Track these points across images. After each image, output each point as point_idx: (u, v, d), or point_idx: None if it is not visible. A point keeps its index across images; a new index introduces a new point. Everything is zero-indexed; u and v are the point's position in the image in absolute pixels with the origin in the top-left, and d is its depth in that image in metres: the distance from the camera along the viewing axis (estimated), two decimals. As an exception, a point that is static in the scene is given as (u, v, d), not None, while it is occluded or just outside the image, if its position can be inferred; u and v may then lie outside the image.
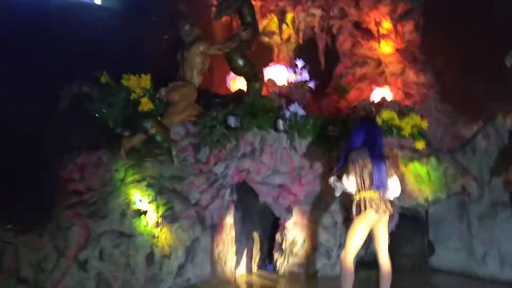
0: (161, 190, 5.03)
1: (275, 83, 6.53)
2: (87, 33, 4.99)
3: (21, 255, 4.11)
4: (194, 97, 5.26)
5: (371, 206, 4.02)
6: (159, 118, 4.95)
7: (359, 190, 4.10)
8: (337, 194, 4.42)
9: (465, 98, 6.49)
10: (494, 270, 5.51)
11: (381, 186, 4.07)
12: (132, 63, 5.15)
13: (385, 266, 4.15)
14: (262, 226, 6.42)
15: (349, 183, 4.11)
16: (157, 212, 4.93)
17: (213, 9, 5.95)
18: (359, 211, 4.06)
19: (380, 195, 4.07)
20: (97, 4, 5.46)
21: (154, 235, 4.86)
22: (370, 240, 6.02)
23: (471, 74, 6.32)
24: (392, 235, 5.89)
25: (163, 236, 4.92)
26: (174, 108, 5.07)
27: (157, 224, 4.89)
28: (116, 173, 4.85)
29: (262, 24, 6.98)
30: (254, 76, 5.67)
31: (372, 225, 4.10)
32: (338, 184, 4.21)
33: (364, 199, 4.05)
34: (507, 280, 5.34)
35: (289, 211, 5.78)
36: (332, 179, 4.31)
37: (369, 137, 4.19)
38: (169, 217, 4.98)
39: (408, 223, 6.08)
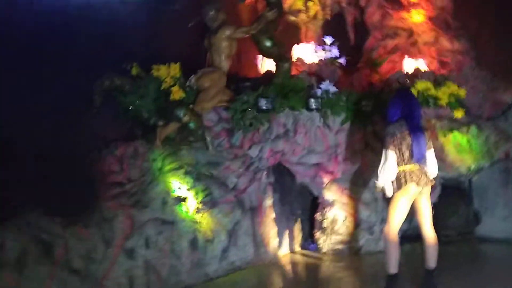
0: (198, 177, 5.10)
1: (304, 62, 6.45)
2: (113, 28, 5.05)
3: (71, 247, 4.25)
4: (224, 82, 5.28)
5: (412, 179, 3.94)
6: (191, 106, 4.99)
7: (398, 164, 4.02)
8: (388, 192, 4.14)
9: (502, 62, 6.25)
10: (545, 237, 5.32)
11: (421, 159, 3.98)
12: (161, 53, 5.19)
13: (430, 238, 4.08)
14: (302, 206, 6.42)
15: (389, 156, 4.02)
16: (197, 199, 5.01)
17: (238, -9, 5.93)
18: (400, 185, 3.99)
19: (420, 167, 3.98)
20: (119, -2, 5.52)
21: (195, 221, 4.95)
22: (413, 213, 5.95)
23: (506, 37, 6.06)
24: (436, 207, 5.77)
25: (205, 221, 5.01)
26: (205, 94, 5.10)
27: (198, 210, 4.97)
28: (153, 162, 4.94)
29: (287, 2, 6.88)
30: (282, 56, 5.62)
31: (414, 198, 4.02)
32: (381, 180, 4.07)
33: (404, 172, 3.97)
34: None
35: (327, 189, 5.76)
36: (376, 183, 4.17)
37: (406, 108, 4.09)
38: (209, 203, 5.06)
39: (451, 193, 5.95)
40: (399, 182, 3.99)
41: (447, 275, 4.13)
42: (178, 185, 4.95)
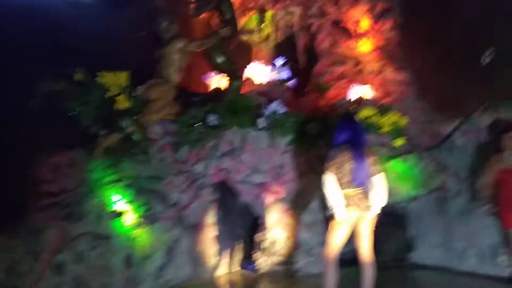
0: (139, 191, 4.94)
1: (254, 81, 6.48)
2: (60, 29, 4.83)
3: (-7, 258, 3.96)
4: (172, 95, 5.18)
5: (352, 204, 3.98)
6: (136, 117, 4.84)
7: (341, 187, 4.05)
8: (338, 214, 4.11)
9: (442, 96, 6.55)
10: (473, 265, 5.57)
11: (361, 184, 4.02)
12: (108, 60, 5.02)
13: (368, 264, 4.13)
14: (243, 225, 6.35)
15: (326, 180, 4.06)
16: (135, 213, 4.83)
17: (192, 5, 5.87)
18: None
19: (362, 192, 4.03)
20: (71, -1, 5.31)
21: (132, 237, 4.76)
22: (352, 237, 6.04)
23: (448, 72, 6.38)
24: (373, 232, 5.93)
25: (142, 237, 4.83)
26: (152, 106, 4.97)
27: (136, 226, 4.79)
28: (91, 173, 4.73)
29: (241, 22, 6.92)
30: (233, 74, 5.62)
31: (354, 223, 4.06)
32: (330, 204, 4.07)
33: (349, 196, 4.01)
34: (485, 274, 5.40)
35: (270, 210, 5.74)
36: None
37: (351, 134, 4.15)
38: (148, 218, 4.89)
39: (388, 219, 6.09)
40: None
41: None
42: (117, 199, 4.75)
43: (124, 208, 4.77)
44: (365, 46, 7.54)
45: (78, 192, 4.61)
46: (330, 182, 4.04)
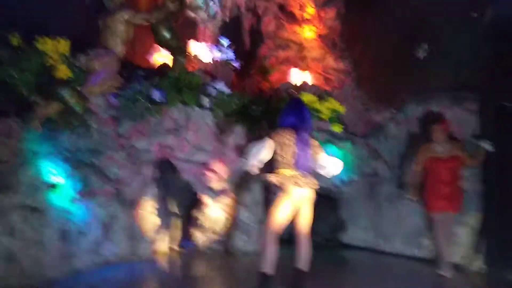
0: (77, 164, 4.77)
1: (200, 59, 6.42)
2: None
3: None
4: (116, 68, 5.01)
5: (294, 183, 4.10)
6: (78, 88, 4.64)
7: (283, 167, 4.16)
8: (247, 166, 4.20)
9: (379, 86, 6.89)
10: (399, 247, 5.98)
11: (302, 168, 4.13)
12: (49, 26, 4.73)
13: (304, 242, 4.28)
14: (183, 203, 6.36)
15: (266, 143, 4.11)
16: (73, 187, 4.68)
17: (140, -24, 5.69)
18: (283, 188, 4.12)
19: (302, 174, 4.13)
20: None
21: (68, 211, 4.61)
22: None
23: (385, 63, 6.71)
24: (308, 214, 6.17)
25: (79, 212, 4.70)
26: (95, 77, 4.79)
27: (73, 200, 4.64)
28: (28, 143, 4.49)
29: (188, -2, 6.80)
30: (180, 50, 5.52)
31: (297, 201, 4.18)
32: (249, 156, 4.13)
33: (287, 176, 4.11)
34: (410, 255, 5.83)
35: (210, 189, 5.79)
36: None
37: (298, 118, 4.24)
38: (86, 193, 4.76)
39: (322, 201, 6.36)
40: (283, 186, 4.13)
41: (313, 277, 4.40)
42: (53, 171, 4.56)
43: (60, 181, 4.59)
44: (309, 33, 7.71)
45: (13, 163, 4.36)
46: (266, 146, 4.10)
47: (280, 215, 4.15)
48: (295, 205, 4.17)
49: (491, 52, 5.22)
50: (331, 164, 4.36)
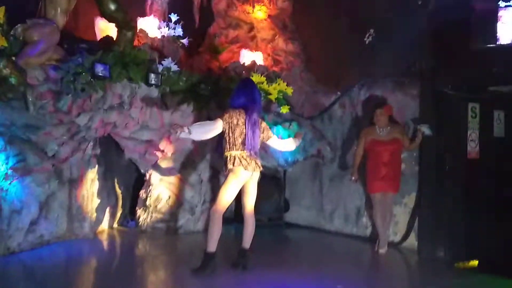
0: (12, 139, 4.54)
1: (147, 34, 6.22)
2: None
3: None
4: (56, 39, 4.76)
5: (241, 164, 4.13)
6: (13, 58, 4.38)
7: (230, 148, 4.17)
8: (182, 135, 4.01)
9: (326, 69, 7.00)
10: (339, 225, 6.20)
11: (251, 150, 4.16)
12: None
13: (250, 221, 4.35)
14: (125, 182, 6.25)
15: (216, 124, 4.10)
16: (7, 164, 4.45)
17: None
18: (230, 168, 4.15)
19: (250, 155, 4.17)
20: None
21: (2, 188, 4.40)
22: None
23: (333, 47, 6.80)
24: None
25: (13, 189, 4.50)
26: (32, 48, 4.53)
27: (6, 177, 4.43)
28: (-43, 116, 4.22)
29: (135, -31, 6.54)
30: (126, 23, 5.31)
31: (244, 182, 4.23)
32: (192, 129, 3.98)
33: (235, 157, 4.14)
34: (349, 234, 6.07)
35: (155, 167, 5.70)
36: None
37: (248, 99, 4.24)
38: (21, 170, 4.55)
39: (268, 181, 6.46)
40: (230, 165, 4.14)
41: (257, 255, 4.49)
42: (-15, 146, 4.32)
43: (-6, 157, 4.36)
44: (259, 13, 7.66)
45: None
46: (215, 127, 4.10)
47: (226, 196, 4.18)
48: (241, 185, 4.22)
49: (432, 39, 5.41)
50: (282, 146, 4.59)
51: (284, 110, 6.33)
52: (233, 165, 4.12)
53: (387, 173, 5.23)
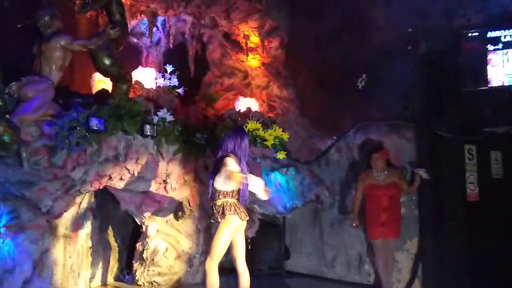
0: (5, 197, 4.48)
1: (142, 86, 6.30)
2: None
3: None
4: (51, 95, 4.79)
5: (235, 212, 4.09)
6: (7, 116, 4.39)
7: (224, 196, 4.13)
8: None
9: (321, 114, 7.05)
10: (341, 273, 6.05)
11: (243, 198, 4.21)
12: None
13: (244, 272, 4.25)
14: (121, 235, 6.13)
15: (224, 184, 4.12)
16: (0, 221, 4.38)
17: (78, 1, 5.54)
18: (223, 216, 4.09)
19: (241, 203, 4.19)
20: None
21: (-5, 247, 4.31)
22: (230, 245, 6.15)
23: (326, 92, 6.89)
24: (252, 241, 6.15)
25: (6, 248, 4.39)
26: (27, 105, 4.55)
27: (0, 235, 4.35)
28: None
29: (131, 24, 6.69)
30: (121, 77, 5.38)
31: (235, 231, 4.16)
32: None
33: (229, 204, 4.11)
34: (351, 281, 5.91)
35: (151, 219, 5.62)
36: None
37: (240, 147, 4.25)
38: (14, 227, 4.46)
39: (267, 229, 6.37)
40: (223, 213, 4.10)
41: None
42: (-22, 205, 4.26)
43: (-14, 216, 4.29)
44: (253, 61, 7.81)
45: None
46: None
47: (221, 246, 4.11)
48: (233, 234, 4.15)
49: (424, 83, 5.47)
50: (259, 192, 4.43)
51: (281, 155, 6.33)
52: (229, 214, 4.07)
53: (387, 218, 5.16)
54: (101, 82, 5.82)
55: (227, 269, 5.38)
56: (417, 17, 5.70)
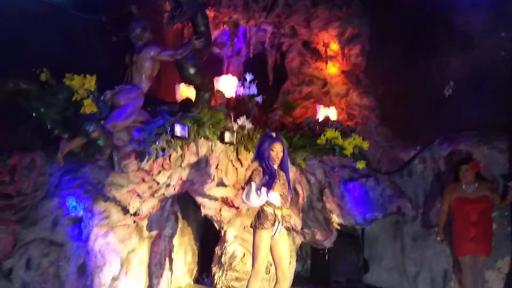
0: (98, 197, 4.79)
1: (223, 94, 6.47)
2: (28, 28, 4.65)
3: None
4: (140, 103, 5.08)
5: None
6: (102, 122, 4.71)
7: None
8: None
9: (403, 124, 6.79)
10: (425, 290, 5.75)
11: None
12: (77, 62, 4.85)
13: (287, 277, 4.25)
14: (202, 238, 6.30)
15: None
16: (92, 221, 4.69)
17: (166, 14, 5.83)
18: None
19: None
20: (41, -2, 5.13)
21: (87, 245, 4.61)
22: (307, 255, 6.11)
23: (410, 100, 6.62)
24: (330, 252, 6.04)
25: (98, 245, 4.69)
26: (119, 112, 4.86)
27: (92, 234, 4.65)
28: (50, 177, 4.56)
29: (214, 34, 6.92)
30: (204, 86, 5.58)
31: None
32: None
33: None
34: (436, 300, 5.59)
35: (230, 224, 5.71)
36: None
37: (259, 154, 4.21)
38: (105, 226, 4.75)
39: (345, 240, 6.23)
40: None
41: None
42: (74, 204, 4.60)
43: (81, 215, 4.62)
44: (332, 69, 7.72)
45: (34, 196, 4.43)
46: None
47: (263, 254, 4.09)
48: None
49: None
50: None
51: (361, 165, 6.17)
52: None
53: (476, 234, 4.84)
54: (185, 91, 6.05)
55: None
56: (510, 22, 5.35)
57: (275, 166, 4.19)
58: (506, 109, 5.23)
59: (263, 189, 4.06)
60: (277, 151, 4.18)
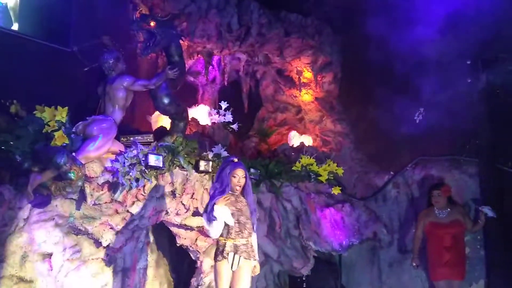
0: (69, 231, 4.67)
1: (198, 122, 6.47)
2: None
3: None
4: (114, 133, 5.02)
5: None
6: (73, 154, 4.63)
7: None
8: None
9: (377, 149, 6.89)
10: (402, 315, 5.74)
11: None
12: (48, 94, 4.80)
13: None
14: (177, 270, 6.18)
15: None
16: (63, 256, 4.55)
17: (139, 45, 5.84)
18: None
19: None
20: (12, 29, 5.08)
21: (58, 280, 4.46)
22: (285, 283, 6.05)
23: (382, 128, 6.74)
24: (307, 279, 6.00)
25: (68, 281, 4.54)
26: (92, 143, 4.79)
27: (62, 269, 4.51)
28: (19, 211, 4.42)
29: (188, 63, 6.97)
30: (179, 115, 5.56)
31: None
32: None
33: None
34: (413, 325, 5.59)
35: (207, 254, 5.63)
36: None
37: (218, 179, 4.18)
38: (77, 260, 4.62)
39: (323, 267, 6.20)
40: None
41: None
42: (44, 239, 4.47)
43: (52, 250, 4.48)
44: (306, 96, 7.85)
45: (2, 231, 4.28)
46: None
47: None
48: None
49: (489, 115, 5.25)
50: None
51: (336, 191, 6.22)
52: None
53: (450, 259, 4.90)
54: (159, 120, 6.02)
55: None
56: (477, 49, 5.55)
57: (237, 193, 4.11)
58: (475, 135, 5.38)
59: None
60: (239, 177, 4.07)
